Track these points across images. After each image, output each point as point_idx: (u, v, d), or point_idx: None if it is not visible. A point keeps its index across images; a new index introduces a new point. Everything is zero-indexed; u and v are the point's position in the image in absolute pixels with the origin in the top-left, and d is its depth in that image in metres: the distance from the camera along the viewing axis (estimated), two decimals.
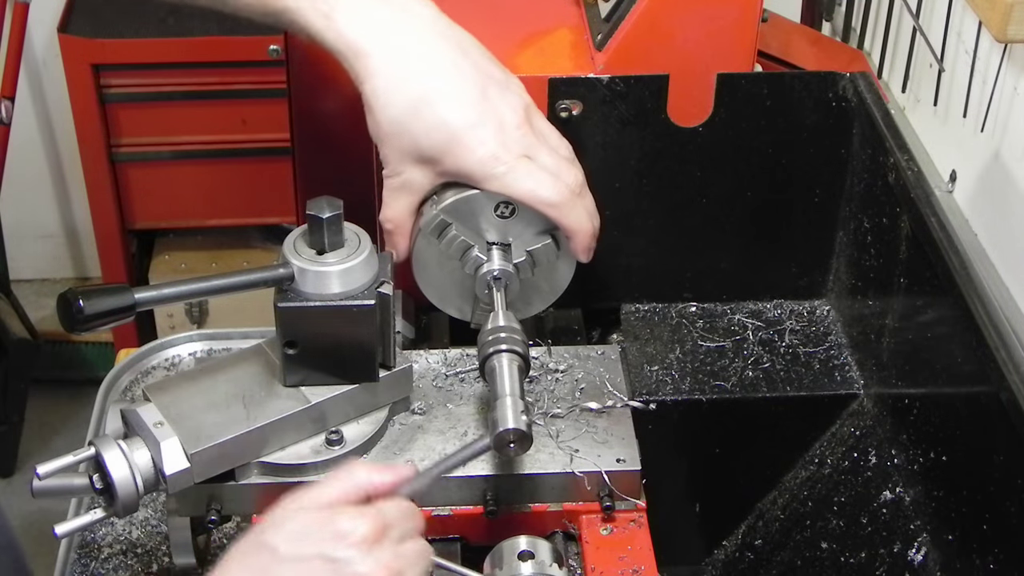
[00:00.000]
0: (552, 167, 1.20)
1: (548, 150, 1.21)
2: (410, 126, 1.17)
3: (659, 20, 1.33)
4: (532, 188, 1.19)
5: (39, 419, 3.00)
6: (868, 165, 1.38)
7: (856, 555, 1.30)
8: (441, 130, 1.17)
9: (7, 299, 2.87)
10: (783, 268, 1.49)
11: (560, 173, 1.20)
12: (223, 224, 2.79)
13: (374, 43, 1.17)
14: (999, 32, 1.19)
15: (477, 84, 1.19)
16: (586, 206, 1.22)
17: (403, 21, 1.19)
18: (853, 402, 1.40)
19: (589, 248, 1.23)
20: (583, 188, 1.23)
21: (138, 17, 2.64)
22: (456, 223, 1.23)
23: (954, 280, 1.18)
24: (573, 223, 1.21)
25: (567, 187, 1.20)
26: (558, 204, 1.19)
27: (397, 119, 1.17)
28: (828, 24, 1.94)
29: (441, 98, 1.17)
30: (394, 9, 1.19)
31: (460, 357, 1.29)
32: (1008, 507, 1.09)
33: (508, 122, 1.19)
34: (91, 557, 1.36)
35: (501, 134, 1.18)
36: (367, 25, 1.17)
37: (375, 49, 1.17)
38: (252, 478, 1.14)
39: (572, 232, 1.21)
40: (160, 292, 1.09)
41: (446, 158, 1.18)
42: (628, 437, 1.19)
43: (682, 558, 1.48)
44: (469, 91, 1.18)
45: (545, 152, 1.21)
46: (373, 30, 1.17)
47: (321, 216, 1.10)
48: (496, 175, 1.18)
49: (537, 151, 1.20)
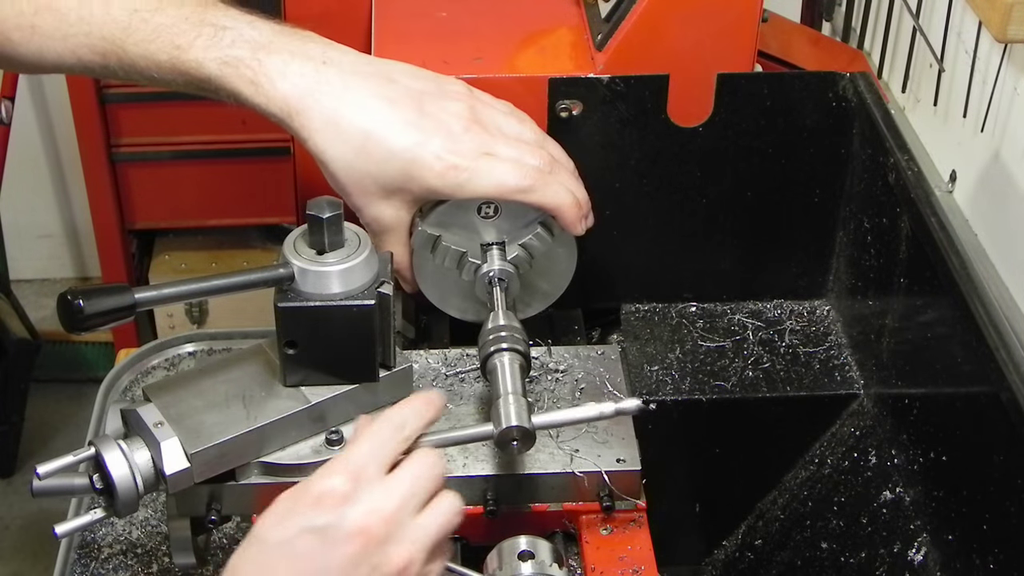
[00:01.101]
0: (513, 155, 1.21)
1: (505, 140, 1.22)
2: (364, 167, 1.18)
3: (659, 20, 1.33)
4: (498, 181, 1.19)
5: (39, 419, 3.00)
6: (868, 165, 1.38)
7: (856, 555, 1.30)
8: (393, 161, 1.18)
9: (7, 299, 2.87)
10: (783, 268, 1.49)
11: (523, 157, 1.21)
12: (223, 224, 2.79)
13: (304, 100, 1.17)
14: (999, 32, 1.19)
15: (412, 105, 1.20)
16: (562, 180, 1.23)
17: (325, 72, 1.19)
18: (853, 402, 1.40)
19: (579, 219, 1.23)
20: (553, 164, 1.23)
21: None
22: (444, 234, 1.24)
23: (954, 280, 1.18)
24: (550, 200, 1.21)
25: (533, 168, 1.21)
26: (529, 188, 1.20)
27: (350, 165, 1.18)
28: (828, 24, 1.94)
29: (383, 131, 1.18)
30: (315, 63, 1.19)
31: (460, 357, 1.29)
32: (1008, 507, 1.09)
33: (454, 128, 1.20)
34: (91, 557, 1.36)
35: (451, 142, 1.19)
36: (293, 84, 1.17)
37: (307, 105, 1.17)
38: (252, 478, 1.14)
39: (553, 208, 1.22)
40: (160, 292, 1.09)
41: (409, 185, 1.19)
42: (628, 437, 1.19)
43: (682, 558, 1.48)
44: (406, 115, 1.19)
45: (502, 143, 1.21)
46: (300, 87, 1.18)
47: (321, 216, 1.10)
48: (460, 183, 1.19)
49: (493, 145, 1.21)
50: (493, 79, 1.34)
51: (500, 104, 1.27)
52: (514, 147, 1.22)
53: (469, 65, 1.35)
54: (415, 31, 1.43)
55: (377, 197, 1.19)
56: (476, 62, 1.36)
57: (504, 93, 1.33)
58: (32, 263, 3.30)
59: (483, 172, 1.19)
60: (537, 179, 1.21)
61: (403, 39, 1.41)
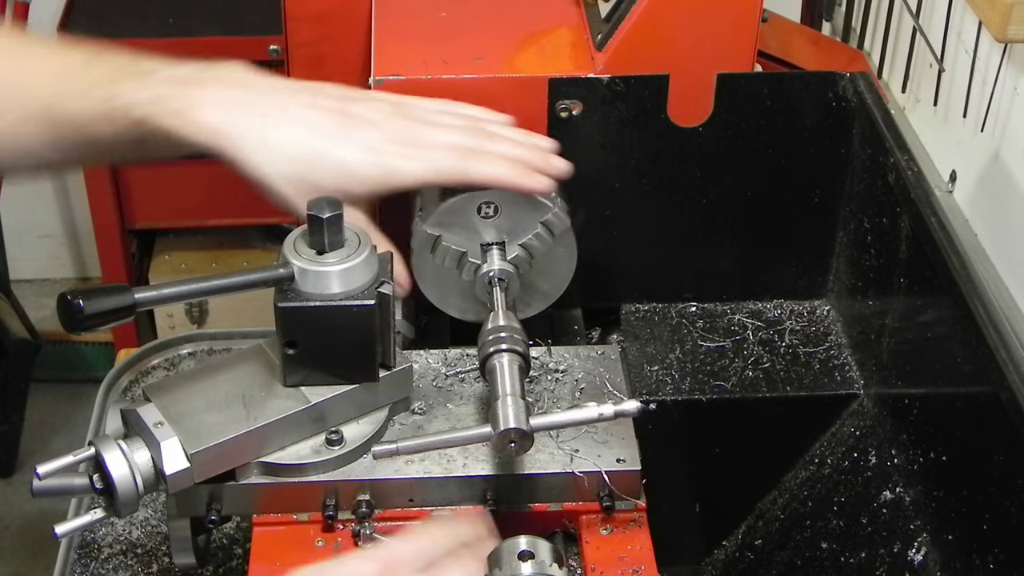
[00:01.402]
0: (443, 139, 1.21)
1: (433, 127, 1.22)
2: (301, 175, 1.18)
3: (659, 20, 1.33)
4: (429, 164, 1.20)
5: (39, 419, 3.00)
6: (868, 165, 1.38)
7: (856, 555, 1.30)
8: (326, 165, 1.18)
9: (7, 299, 2.87)
10: (783, 268, 1.49)
11: (454, 139, 1.22)
12: (223, 224, 2.79)
13: (229, 122, 1.18)
14: (999, 32, 1.19)
15: (335, 108, 1.21)
16: (501, 149, 1.23)
17: (246, 93, 1.20)
18: (853, 402, 1.40)
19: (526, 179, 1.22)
20: (488, 139, 1.23)
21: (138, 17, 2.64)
22: (444, 234, 1.25)
23: (954, 280, 1.18)
24: (485, 175, 1.21)
25: (465, 148, 1.21)
26: (460, 168, 1.20)
27: (287, 176, 1.18)
28: (828, 24, 1.94)
29: (310, 136, 1.19)
30: (236, 88, 1.20)
31: (460, 357, 1.29)
32: (1008, 507, 1.09)
33: (380, 122, 1.21)
34: (91, 557, 1.36)
35: (378, 133, 1.20)
36: (216, 109, 1.18)
37: (232, 127, 1.18)
38: (252, 478, 1.14)
39: (494, 183, 1.22)
40: (160, 292, 1.09)
41: (348, 184, 1.19)
42: (628, 437, 1.19)
43: (682, 558, 1.48)
44: (331, 117, 1.20)
45: (431, 130, 1.22)
46: (224, 112, 1.18)
47: (321, 216, 1.10)
48: (393, 170, 1.19)
49: (421, 132, 1.21)
50: (493, 79, 1.34)
51: (430, 101, 1.28)
52: (443, 131, 1.22)
53: (469, 65, 1.35)
54: (415, 31, 1.43)
55: None
56: (476, 62, 1.36)
57: (504, 93, 1.33)
58: (32, 263, 3.30)
59: (414, 158, 1.20)
60: (469, 157, 1.21)
61: (403, 39, 1.41)
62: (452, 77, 1.34)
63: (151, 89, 1.18)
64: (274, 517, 1.15)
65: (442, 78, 1.33)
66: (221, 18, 2.65)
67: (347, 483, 1.14)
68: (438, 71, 1.34)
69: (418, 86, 1.32)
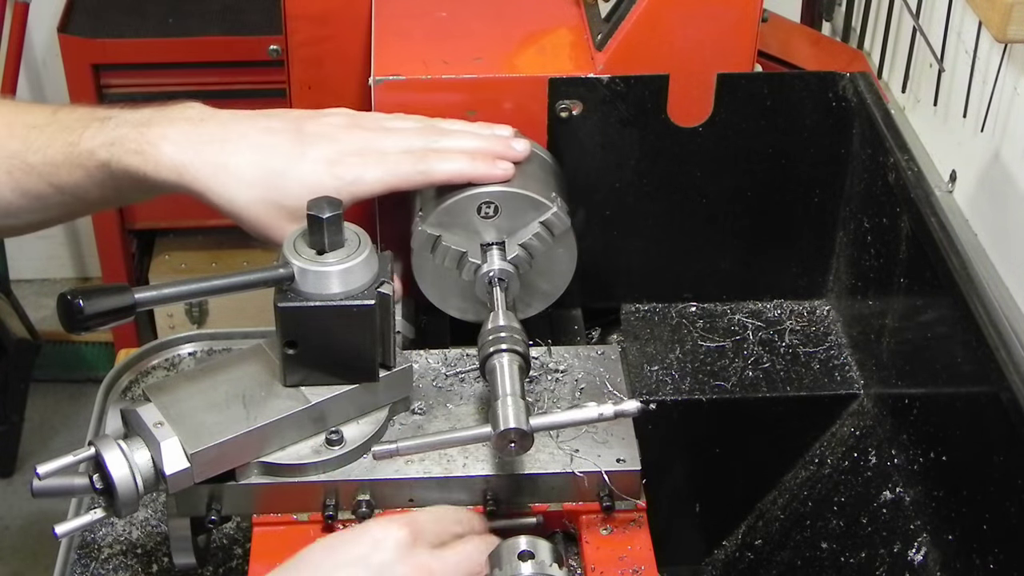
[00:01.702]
0: (398, 144, 1.23)
1: (388, 133, 1.25)
2: (265, 198, 1.21)
3: (659, 20, 1.33)
4: (388, 170, 1.22)
5: (39, 419, 3.00)
6: (868, 165, 1.38)
7: (856, 555, 1.30)
8: (287, 182, 1.20)
9: (7, 299, 2.87)
10: (783, 268, 1.49)
11: (409, 143, 1.23)
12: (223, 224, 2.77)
13: (189, 154, 1.20)
14: (999, 32, 1.19)
15: (291, 127, 1.23)
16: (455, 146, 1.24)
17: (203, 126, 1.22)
18: (853, 402, 1.40)
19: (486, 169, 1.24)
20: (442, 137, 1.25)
21: (138, 17, 2.65)
22: (444, 234, 1.25)
23: (954, 280, 1.18)
24: (446, 172, 1.23)
25: (422, 149, 1.23)
26: (420, 170, 1.22)
27: (251, 200, 1.21)
28: (828, 24, 1.94)
29: (269, 157, 1.21)
30: (193, 122, 1.22)
31: (460, 357, 1.29)
32: (1008, 507, 1.09)
33: (336, 135, 1.23)
34: (91, 557, 1.36)
35: (335, 145, 1.22)
36: (175, 144, 1.20)
37: (192, 159, 1.20)
38: (252, 478, 1.14)
39: (455, 178, 1.23)
40: (160, 292, 1.09)
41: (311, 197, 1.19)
42: (628, 437, 1.19)
43: (682, 558, 1.48)
44: (288, 136, 1.22)
45: (386, 136, 1.24)
46: (183, 145, 1.21)
47: (321, 216, 1.10)
48: (353, 179, 1.21)
49: (377, 140, 1.23)
50: (493, 79, 1.34)
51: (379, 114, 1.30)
52: (398, 136, 1.24)
53: (469, 65, 1.35)
54: (415, 31, 1.43)
55: (288, 221, 1.20)
56: (476, 62, 1.36)
57: (504, 93, 1.33)
58: (32, 263, 3.30)
59: (373, 166, 1.21)
60: (426, 158, 1.23)
61: (403, 39, 1.41)
62: (452, 77, 1.34)
63: (111, 132, 1.21)
64: (274, 517, 1.15)
65: (442, 78, 1.33)
66: (221, 18, 2.65)
67: (347, 483, 1.14)
68: (438, 71, 1.34)
69: (418, 86, 1.32)
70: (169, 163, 1.20)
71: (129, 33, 2.60)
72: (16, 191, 1.23)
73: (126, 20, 2.64)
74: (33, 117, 1.25)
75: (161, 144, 1.20)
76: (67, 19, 2.64)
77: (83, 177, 1.22)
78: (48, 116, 1.24)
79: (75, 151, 1.21)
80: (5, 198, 1.23)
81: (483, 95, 1.32)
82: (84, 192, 1.23)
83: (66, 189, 1.23)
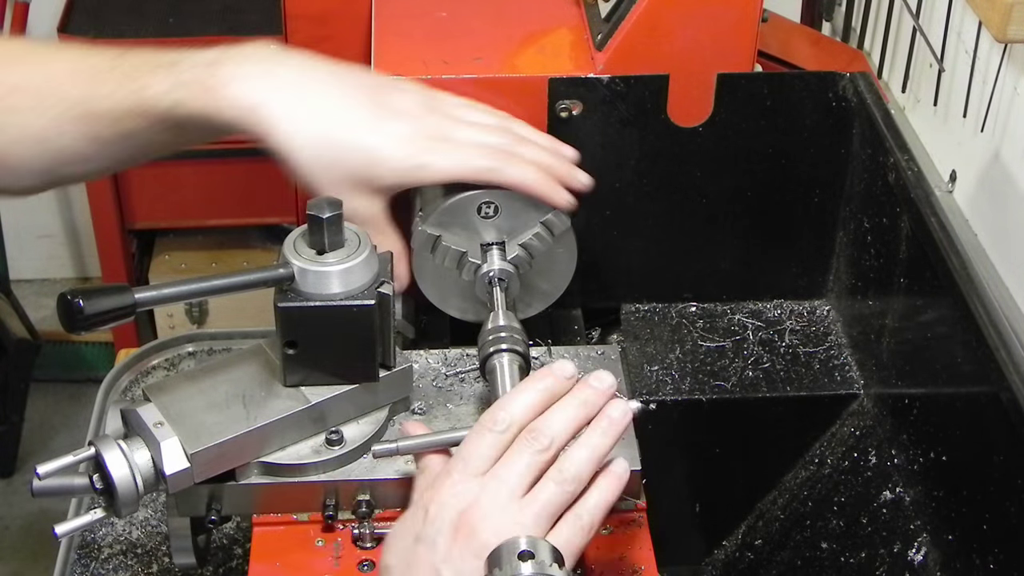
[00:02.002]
0: (474, 137, 1.22)
1: (464, 124, 1.23)
2: (328, 156, 1.18)
3: (659, 20, 1.33)
4: (459, 161, 1.20)
5: (39, 419, 3.00)
6: (868, 165, 1.38)
7: (856, 555, 1.30)
8: (355, 148, 1.18)
9: (7, 299, 2.87)
10: (783, 268, 1.49)
11: (483, 138, 1.22)
12: (223, 224, 2.79)
13: (261, 94, 1.17)
14: (999, 32, 1.19)
15: (369, 94, 1.20)
16: (529, 155, 1.23)
17: (279, 68, 1.20)
18: (853, 402, 1.40)
19: (551, 191, 1.23)
20: (519, 142, 1.23)
21: (138, 17, 2.64)
22: (444, 234, 1.25)
23: (954, 280, 1.18)
24: (515, 178, 1.21)
25: (495, 148, 1.21)
26: (491, 167, 1.21)
27: (315, 155, 1.18)
28: (828, 24, 1.94)
29: (343, 118, 1.18)
30: (268, 63, 1.20)
31: (460, 357, 1.29)
32: (1008, 507, 1.09)
33: (414, 114, 1.20)
34: (91, 557, 1.36)
35: (411, 126, 1.19)
36: (248, 83, 1.18)
37: (264, 100, 1.17)
38: (252, 478, 1.14)
39: (519, 186, 1.22)
40: (160, 292, 1.09)
41: (374, 171, 1.19)
42: (628, 437, 1.19)
43: (682, 558, 1.48)
44: (364, 103, 1.20)
45: (463, 127, 1.22)
46: (256, 85, 1.18)
47: (321, 216, 1.10)
48: (422, 164, 1.19)
49: (452, 129, 1.21)
50: (493, 79, 1.34)
51: (457, 98, 1.28)
52: (474, 130, 1.23)
53: (469, 65, 1.36)
54: (415, 31, 1.43)
55: (346, 188, 1.18)
56: (476, 62, 1.36)
57: (504, 93, 1.33)
58: (32, 263, 3.30)
59: (445, 154, 1.20)
60: (500, 158, 1.21)
61: (403, 39, 1.41)
62: (452, 77, 1.34)
63: (181, 75, 1.18)
64: (274, 517, 1.15)
65: (442, 78, 1.33)
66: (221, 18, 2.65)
67: (347, 483, 1.14)
68: (438, 71, 1.34)
69: None
70: (238, 102, 1.17)
71: (129, 33, 2.60)
72: (84, 138, 1.20)
73: (126, 20, 2.64)
74: (98, 60, 1.21)
75: (232, 83, 1.17)
76: (67, 19, 2.64)
77: (151, 123, 1.19)
78: (114, 59, 1.21)
79: (142, 96, 1.18)
80: (72, 146, 1.21)
81: (483, 95, 1.32)
82: (149, 138, 1.21)
83: (134, 134, 1.20)
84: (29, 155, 1.22)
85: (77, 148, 1.21)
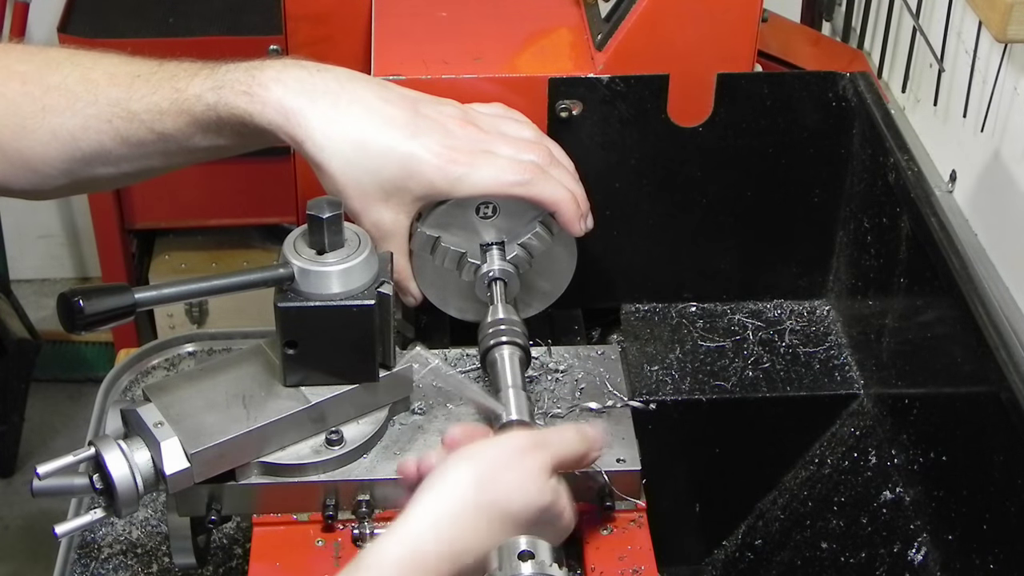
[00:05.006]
0: (510, 151, 1.22)
1: (502, 138, 1.23)
2: (362, 165, 1.18)
3: (659, 20, 1.33)
4: (495, 177, 1.20)
5: (39, 419, 3.00)
6: (868, 165, 1.38)
7: (856, 555, 1.30)
8: (391, 157, 1.18)
9: (7, 299, 2.87)
10: (783, 268, 1.49)
11: (520, 153, 1.22)
12: (223, 224, 2.79)
13: (300, 100, 1.17)
14: (999, 32, 1.19)
15: (407, 105, 1.21)
16: (560, 177, 1.23)
17: (320, 76, 1.20)
18: (853, 402, 1.40)
19: (577, 217, 1.23)
20: (551, 161, 1.24)
21: (138, 17, 2.64)
22: (444, 235, 1.25)
23: (954, 280, 1.18)
24: (548, 195, 1.21)
25: (530, 164, 1.21)
26: (526, 182, 1.20)
27: (348, 164, 1.17)
28: (828, 24, 1.94)
29: (380, 128, 1.18)
30: (309, 70, 1.20)
31: (460, 357, 1.29)
32: (1008, 507, 1.09)
33: (450, 127, 1.20)
34: (91, 557, 1.36)
35: (448, 139, 1.19)
36: (288, 88, 1.18)
37: (302, 106, 1.17)
38: (252, 478, 1.14)
39: (551, 204, 1.22)
40: (160, 292, 1.09)
41: (408, 183, 1.18)
42: (628, 437, 1.19)
43: (682, 558, 1.48)
44: (402, 114, 1.20)
45: (500, 142, 1.22)
46: (295, 90, 1.18)
47: (321, 216, 1.10)
48: (459, 177, 1.19)
49: (489, 142, 1.22)
50: (493, 79, 1.34)
51: (495, 108, 1.28)
52: (511, 144, 1.23)
53: (469, 65, 1.35)
54: (415, 31, 1.43)
55: (376, 199, 1.19)
56: (476, 62, 1.36)
57: (504, 93, 1.33)
58: (32, 263, 3.30)
59: (481, 168, 1.19)
60: (535, 174, 1.21)
61: (403, 39, 1.41)
62: (452, 77, 1.34)
63: (220, 77, 1.19)
64: (274, 517, 1.15)
65: (442, 78, 1.33)
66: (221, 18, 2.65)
67: (347, 483, 1.14)
68: (438, 71, 1.34)
69: (418, 86, 1.32)
70: (277, 106, 1.17)
71: (129, 33, 2.60)
72: (116, 139, 1.20)
73: (126, 20, 2.63)
74: (138, 67, 1.22)
75: (272, 86, 1.17)
76: (67, 19, 2.64)
77: (188, 123, 1.19)
78: (154, 66, 1.22)
79: (182, 96, 1.18)
80: (105, 146, 1.21)
81: (483, 95, 1.32)
82: (186, 139, 1.21)
83: (169, 136, 1.20)
84: (57, 156, 1.21)
85: (107, 149, 1.21)
